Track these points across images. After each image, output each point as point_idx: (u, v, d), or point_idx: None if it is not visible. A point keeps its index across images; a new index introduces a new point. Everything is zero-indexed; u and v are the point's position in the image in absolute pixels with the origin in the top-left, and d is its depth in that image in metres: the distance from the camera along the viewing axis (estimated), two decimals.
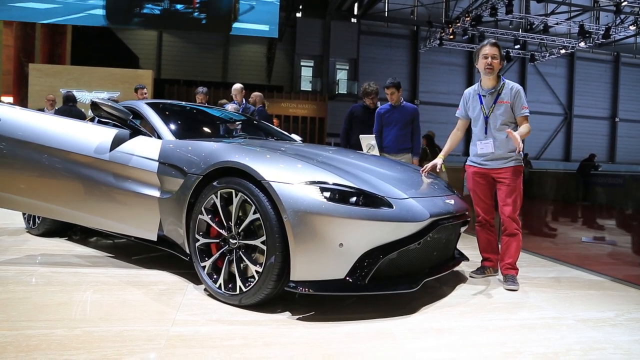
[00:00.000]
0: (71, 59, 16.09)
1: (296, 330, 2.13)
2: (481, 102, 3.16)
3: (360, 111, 5.12)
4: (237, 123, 4.10)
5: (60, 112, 7.23)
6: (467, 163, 3.31)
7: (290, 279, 2.24)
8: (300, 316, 2.31)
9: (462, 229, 3.04)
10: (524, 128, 3.04)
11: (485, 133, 3.14)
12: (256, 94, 6.85)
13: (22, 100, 12.97)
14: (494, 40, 3.15)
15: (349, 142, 5.11)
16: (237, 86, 6.42)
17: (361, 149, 4.60)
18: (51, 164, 3.08)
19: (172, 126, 3.19)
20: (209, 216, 2.53)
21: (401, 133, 4.67)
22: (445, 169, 3.40)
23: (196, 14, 14.22)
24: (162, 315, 2.24)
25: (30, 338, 1.91)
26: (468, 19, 20.73)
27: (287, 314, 2.34)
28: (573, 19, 24.66)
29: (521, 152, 3.08)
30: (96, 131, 3.13)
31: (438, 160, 3.35)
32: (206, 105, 5.53)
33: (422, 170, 3.31)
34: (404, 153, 4.64)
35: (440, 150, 3.78)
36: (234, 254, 2.42)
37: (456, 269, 3.21)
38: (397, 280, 2.44)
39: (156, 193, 2.84)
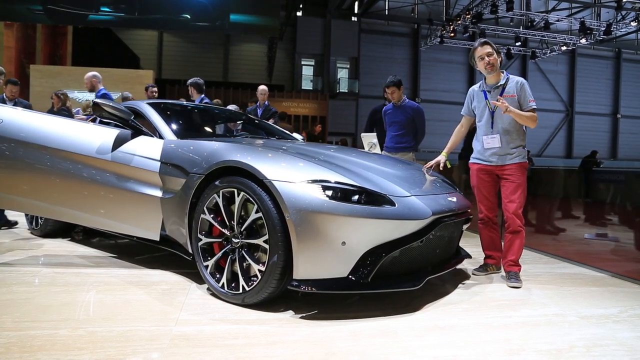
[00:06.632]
0: (72, 60, 16.11)
1: (299, 329, 2.13)
2: (486, 97, 3.18)
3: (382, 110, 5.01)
4: (238, 122, 4.10)
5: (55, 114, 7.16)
6: (470, 161, 3.31)
7: (293, 277, 2.24)
8: (303, 315, 2.31)
9: (465, 227, 3.04)
10: (528, 113, 3.05)
11: (492, 127, 3.15)
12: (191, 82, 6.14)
13: None
14: (483, 40, 3.19)
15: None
16: (264, 88, 6.65)
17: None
18: (53, 164, 3.08)
19: (174, 126, 3.19)
20: (211, 215, 2.53)
21: (399, 132, 4.65)
22: (450, 166, 3.41)
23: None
24: (165, 315, 2.25)
25: (34, 338, 1.92)
26: (469, 16, 20.69)
27: (290, 312, 2.34)
28: (574, 16, 24.60)
29: (525, 149, 3.12)
30: (98, 132, 3.14)
31: (441, 157, 3.37)
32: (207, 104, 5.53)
33: (425, 167, 3.34)
34: (404, 152, 4.62)
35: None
36: (237, 253, 2.42)
37: (459, 266, 3.21)
38: (400, 278, 2.44)
39: (158, 193, 2.84)
